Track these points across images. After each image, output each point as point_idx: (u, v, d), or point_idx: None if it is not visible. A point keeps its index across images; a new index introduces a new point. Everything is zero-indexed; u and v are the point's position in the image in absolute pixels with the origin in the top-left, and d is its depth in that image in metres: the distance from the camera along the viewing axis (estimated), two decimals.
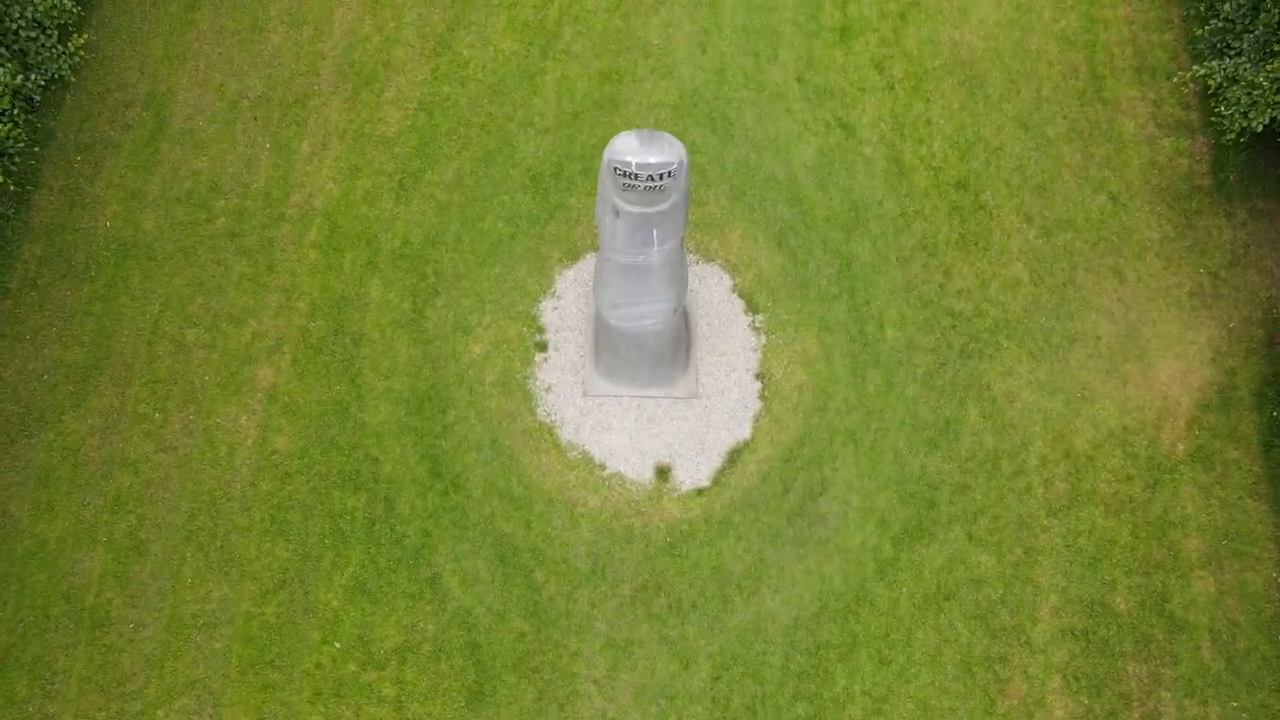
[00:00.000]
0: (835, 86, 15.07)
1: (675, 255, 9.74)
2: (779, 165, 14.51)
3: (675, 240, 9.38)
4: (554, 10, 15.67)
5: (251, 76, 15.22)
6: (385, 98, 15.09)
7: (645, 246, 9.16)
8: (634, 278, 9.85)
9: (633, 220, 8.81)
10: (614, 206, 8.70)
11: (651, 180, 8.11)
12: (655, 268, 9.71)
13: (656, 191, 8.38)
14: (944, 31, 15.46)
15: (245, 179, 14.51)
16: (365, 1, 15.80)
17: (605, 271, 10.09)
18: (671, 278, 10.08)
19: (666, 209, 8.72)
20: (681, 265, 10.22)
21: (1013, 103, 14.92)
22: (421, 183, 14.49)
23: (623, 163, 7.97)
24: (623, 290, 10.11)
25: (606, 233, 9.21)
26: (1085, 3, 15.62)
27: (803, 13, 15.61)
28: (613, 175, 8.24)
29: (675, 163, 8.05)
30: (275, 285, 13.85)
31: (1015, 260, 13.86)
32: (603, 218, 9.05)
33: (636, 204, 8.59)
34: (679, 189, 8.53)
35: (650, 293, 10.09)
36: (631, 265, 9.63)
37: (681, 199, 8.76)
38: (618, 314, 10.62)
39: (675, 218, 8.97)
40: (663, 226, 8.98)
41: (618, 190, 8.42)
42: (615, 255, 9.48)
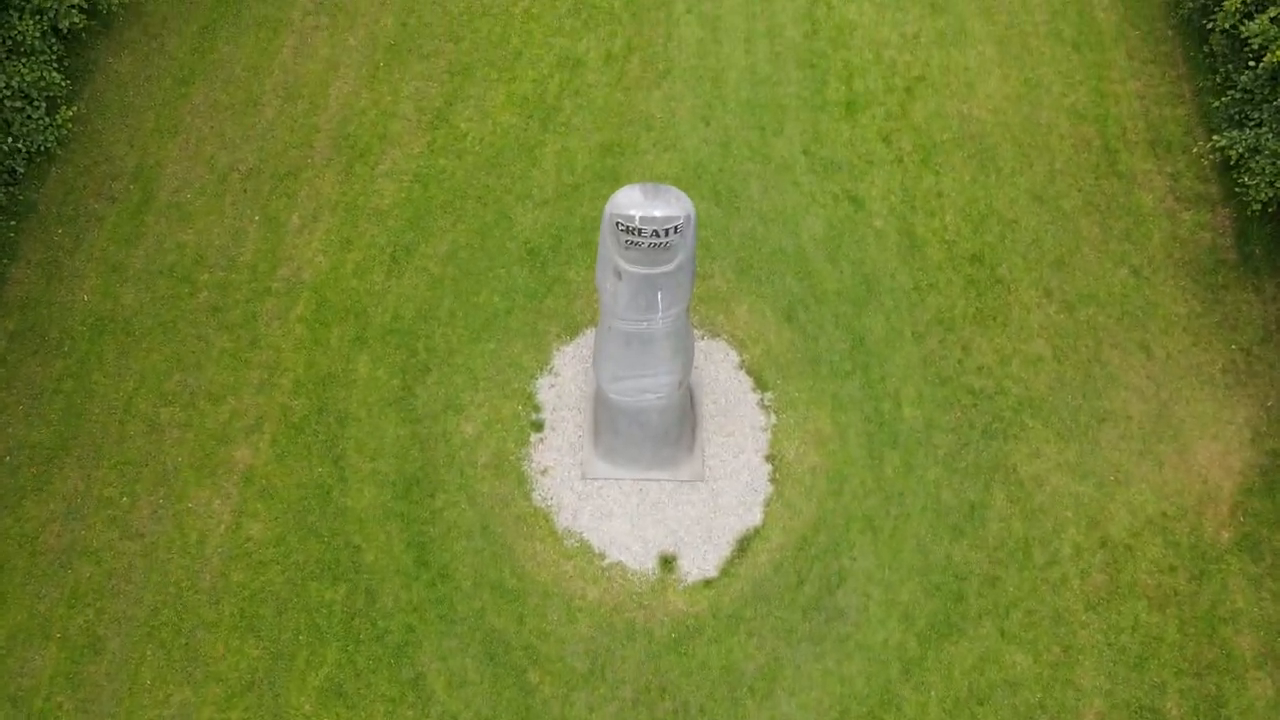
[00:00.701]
0: (843, 159, 14.67)
1: (681, 323, 9.04)
2: (787, 238, 13.99)
3: (681, 306, 8.69)
4: (554, 85, 15.40)
5: (244, 149, 14.83)
6: (380, 170, 14.67)
7: (649, 312, 8.46)
8: (637, 348, 9.13)
9: (636, 282, 8.14)
10: (616, 267, 8.04)
11: (656, 236, 7.47)
12: (659, 337, 9.00)
13: (661, 250, 7.73)
14: (951, 105, 15.16)
15: (232, 252, 13.95)
16: (363, 76, 15.55)
17: (606, 341, 9.38)
18: (676, 348, 9.36)
19: (672, 270, 8.06)
20: (687, 335, 9.51)
21: (1025, 176, 14.50)
22: (415, 256, 13.93)
23: (625, 216, 7.34)
24: (624, 361, 9.38)
25: (607, 297, 8.52)
26: (1094, 78, 15.37)
27: (807, 88, 15.34)
28: (614, 231, 7.60)
29: (681, 217, 7.42)
30: (258, 361, 13.14)
31: (1036, 336, 13.19)
32: (603, 281, 8.37)
33: (640, 264, 7.93)
34: (685, 247, 7.89)
35: (654, 364, 9.36)
36: (634, 334, 8.92)
37: (688, 259, 8.10)
38: (619, 388, 9.86)
39: (681, 280, 8.30)
40: (668, 289, 8.30)
41: (620, 248, 7.77)
42: (617, 322, 8.77)
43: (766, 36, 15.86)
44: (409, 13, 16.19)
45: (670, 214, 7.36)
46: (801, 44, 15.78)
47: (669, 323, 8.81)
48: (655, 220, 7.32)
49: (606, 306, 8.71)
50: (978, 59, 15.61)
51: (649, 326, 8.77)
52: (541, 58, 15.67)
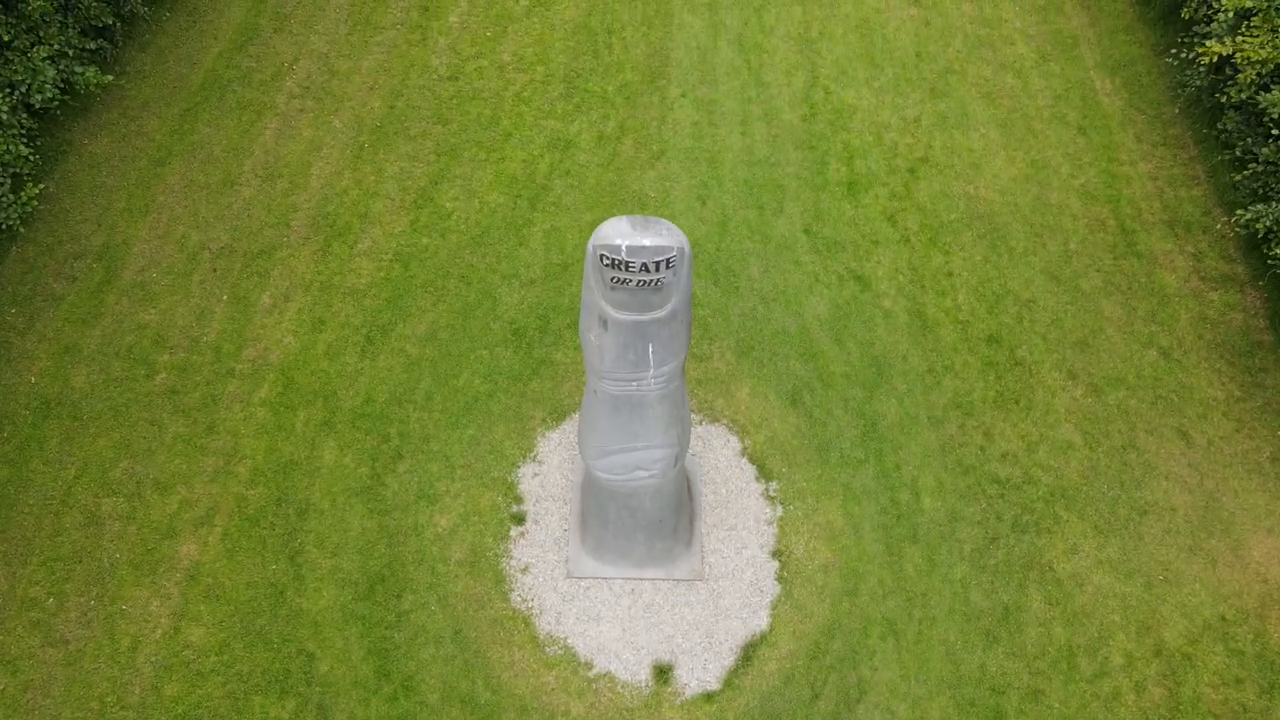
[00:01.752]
0: (846, 239, 13.95)
1: (675, 385, 7.99)
2: (789, 318, 13.10)
3: (676, 362, 7.65)
4: (544, 165, 14.84)
5: (217, 228, 14.10)
6: (359, 249, 13.90)
7: (639, 369, 7.42)
8: (626, 414, 8.05)
9: (624, 332, 7.13)
10: (601, 315, 7.06)
11: (646, 272, 6.52)
12: (651, 401, 7.93)
13: (652, 291, 6.76)
14: (957, 186, 14.57)
15: (195, 332, 13.00)
16: (346, 157, 15.00)
17: (591, 409, 8.30)
18: (671, 416, 8.27)
19: (664, 316, 7.06)
20: (683, 402, 8.45)
21: (1039, 256, 13.75)
22: (391, 336, 12.99)
23: (610, 248, 6.41)
24: (613, 432, 8.27)
25: (592, 353, 7.50)
26: (1103, 160, 14.86)
27: (807, 168, 14.79)
28: (599, 268, 6.66)
29: (675, 249, 6.49)
30: (213, 448, 11.99)
31: (1063, 421, 12.13)
32: (587, 333, 7.37)
33: (628, 309, 6.95)
34: (679, 289, 6.92)
35: (646, 434, 8.25)
36: (623, 398, 7.85)
37: (683, 305, 7.13)
38: (607, 464, 8.71)
39: (675, 330, 7.30)
40: (660, 341, 7.28)
41: (605, 289, 6.81)
42: (603, 384, 7.72)
43: (763, 120, 15.43)
44: (397, 96, 15.81)
45: (661, 244, 6.43)
46: (799, 126, 15.34)
47: (662, 383, 7.75)
48: (645, 251, 6.38)
49: (592, 365, 7.68)
50: (981, 141, 15.14)
51: (639, 388, 7.71)
52: (532, 139, 15.18)
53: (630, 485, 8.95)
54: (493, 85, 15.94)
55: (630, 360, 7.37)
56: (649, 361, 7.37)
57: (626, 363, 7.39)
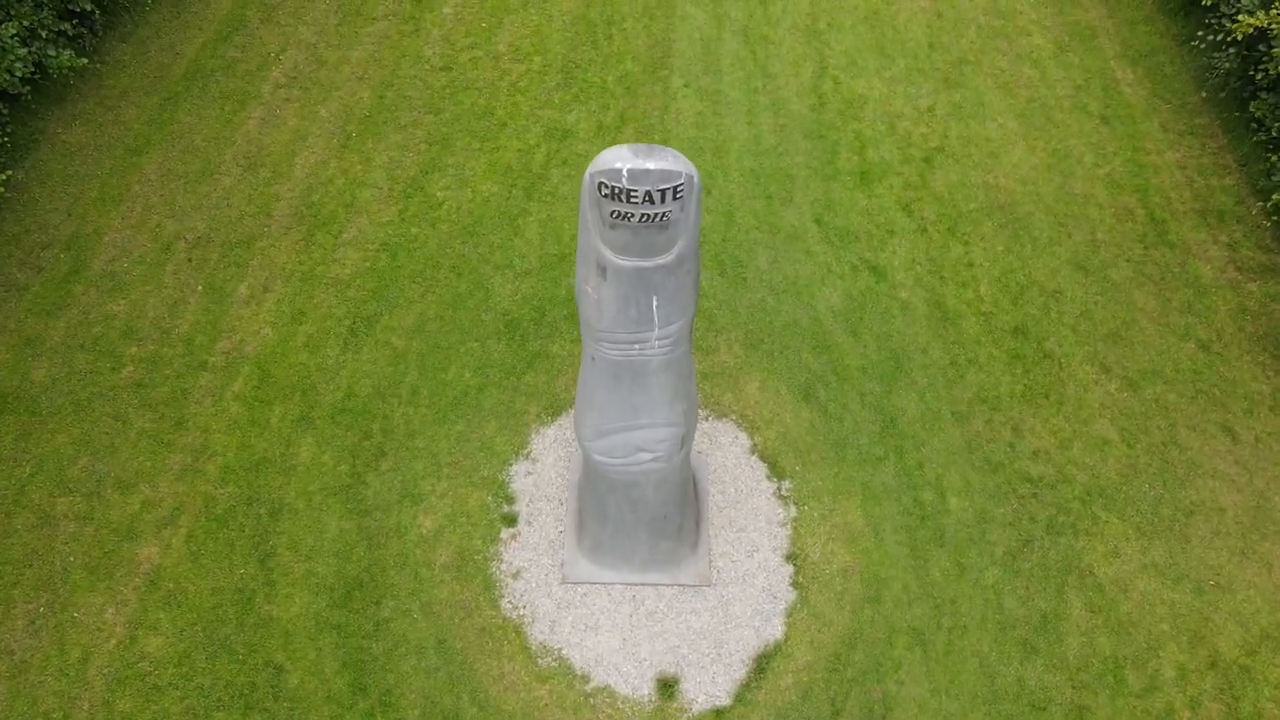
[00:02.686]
0: (859, 229, 13.18)
1: (681, 352, 7.14)
2: (801, 310, 12.28)
3: (682, 322, 6.80)
4: (540, 154, 14.11)
5: (194, 218, 13.32)
6: (344, 239, 13.11)
7: (642, 327, 6.58)
8: (627, 385, 7.19)
9: (625, 281, 6.29)
10: (599, 260, 6.23)
11: (650, 203, 5.70)
12: (655, 369, 7.07)
13: (657, 229, 5.94)
14: (975, 176, 13.83)
15: (167, 324, 12.17)
16: (332, 146, 14.27)
17: (588, 381, 7.44)
18: (677, 388, 7.41)
19: (670, 262, 6.24)
20: (689, 373, 7.59)
21: (1064, 246, 12.97)
22: (376, 328, 12.15)
23: (610, 173, 5.60)
24: (612, 407, 7.41)
25: (589, 308, 6.66)
26: (1128, 149, 14.14)
27: (816, 158, 14.06)
28: (597, 202, 5.84)
29: (683, 176, 5.68)
30: (182, 444, 11.10)
31: (1098, 416, 11.26)
32: (584, 285, 6.54)
33: (630, 252, 6.12)
34: (688, 229, 6.11)
35: (649, 409, 7.38)
36: (624, 364, 7.00)
37: (690, 250, 6.30)
38: (606, 445, 7.82)
39: (682, 280, 6.46)
40: (665, 293, 6.45)
41: (603, 228, 5.99)
42: (602, 348, 6.87)
43: (770, 110, 14.73)
44: (387, 86, 15.13)
45: (667, 168, 5.62)
46: (808, 116, 14.64)
47: (667, 346, 6.90)
48: (649, 176, 5.57)
49: (588, 323, 6.83)
50: (999, 131, 14.43)
51: (642, 352, 6.86)
52: (528, 129, 14.47)
53: (631, 471, 8.05)
54: (487, 75, 15.27)
55: (632, 317, 6.53)
56: (653, 318, 6.54)
57: (628, 319, 6.55)
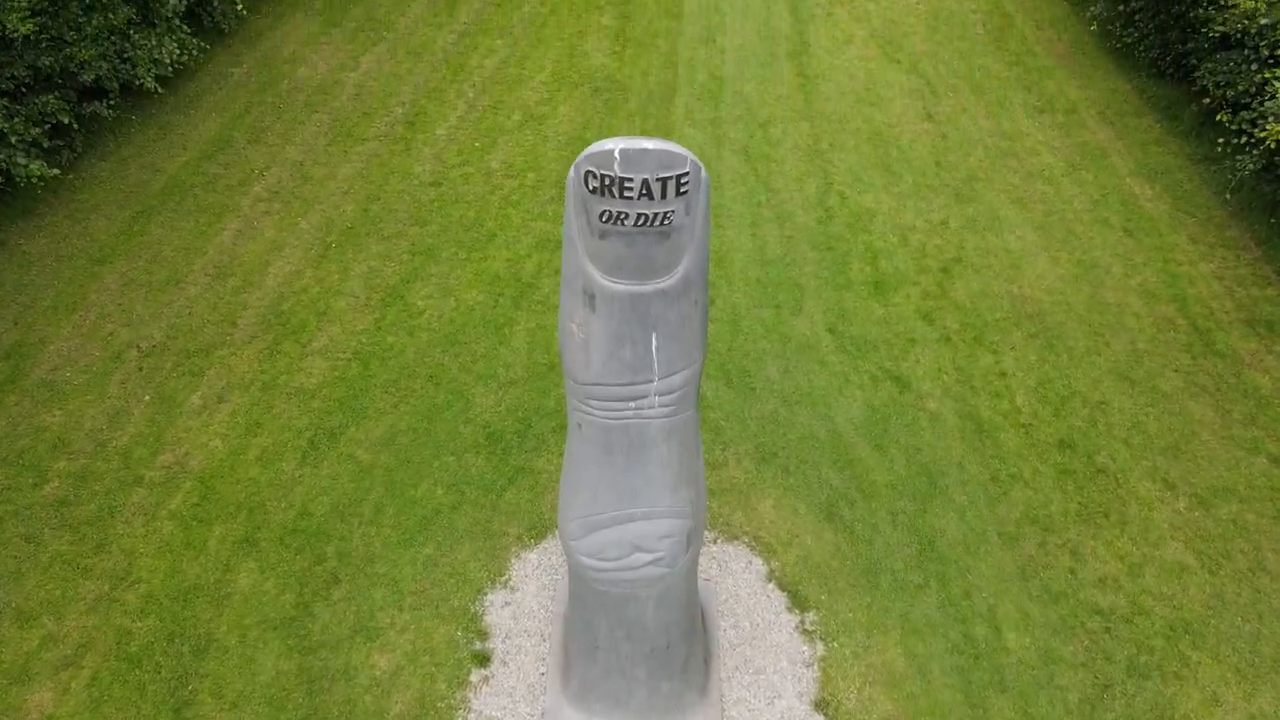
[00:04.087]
0: (877, 338, 12.06)
1: (687, 417, 5.77)
2: (818, 422, 10.96)
3: (688, 370, 5.48)
4: (531, 264, 13.20)
5: (151, 326, 12.21)
6: (312, 347, 11.95)
7: (639, 375, 5.26)
8: (622, 458, 5.77)
9: (618, 312, 5.03)
10: (586, 286, 5.01)
11: (649, 198, 4.54)
12: (655, 437, 5.68)
13: (657, 237, 4.75)
14: (997, 285, 12.87)
15: (104, 436, 10.79)
16: (309, 256, 13.37)
17: (575, 455, 6.03)
18: (683, 465, 5.99)
19: (673, 286, 5.00)
20: (696, 451, 6.19)
21: (1104, 356, 11.82)
22: (340, 441, 10.77)
23: (600, 157, 4.46)
24: (604, 488, 5.96)
25: (575, 355, 5.36)
26: (1158, 260, 13.27)
27: (826, 268, 13.15)
28: (584, 202, 4.68)
29: (687, 163, 4.55)
30: (100, 569, 9.47)
31: (1169, 539, 9.73)
32: (568, 323, 5.27)
33: (623, 271, 4.89)
34: (695, 240, 4.90)
35: (648, 492, 5.93)
36: (617, 430, 5.62)
37: (697, 270, 5.07)
38: (597, 544, 6.29)
39: (686, 313, 5.19)
40: (667, 329, 5.17)
41: (592, 238, 4.80)
42: (590, 407, 5.52)
43: (775, 222, 13.98)
44: (373, 200, 14.44)
45: (668, 150, 4.50)
46: (815, 228, 13.86)
47: (670, 406, 5.54)
48: (647, 160, 4.42)
49: (574, 376, 5.50)
50: (1018, 243, 13.61)
51: (639, 413, 5.50)
52: (518, 239, 13.64)
53: (627, 579, 6.48)
54: (478, 190, 14.61)
55: (626, 361, 5.22)
56: (652, 363, 5.23)
57: (621, 364, 5.23)
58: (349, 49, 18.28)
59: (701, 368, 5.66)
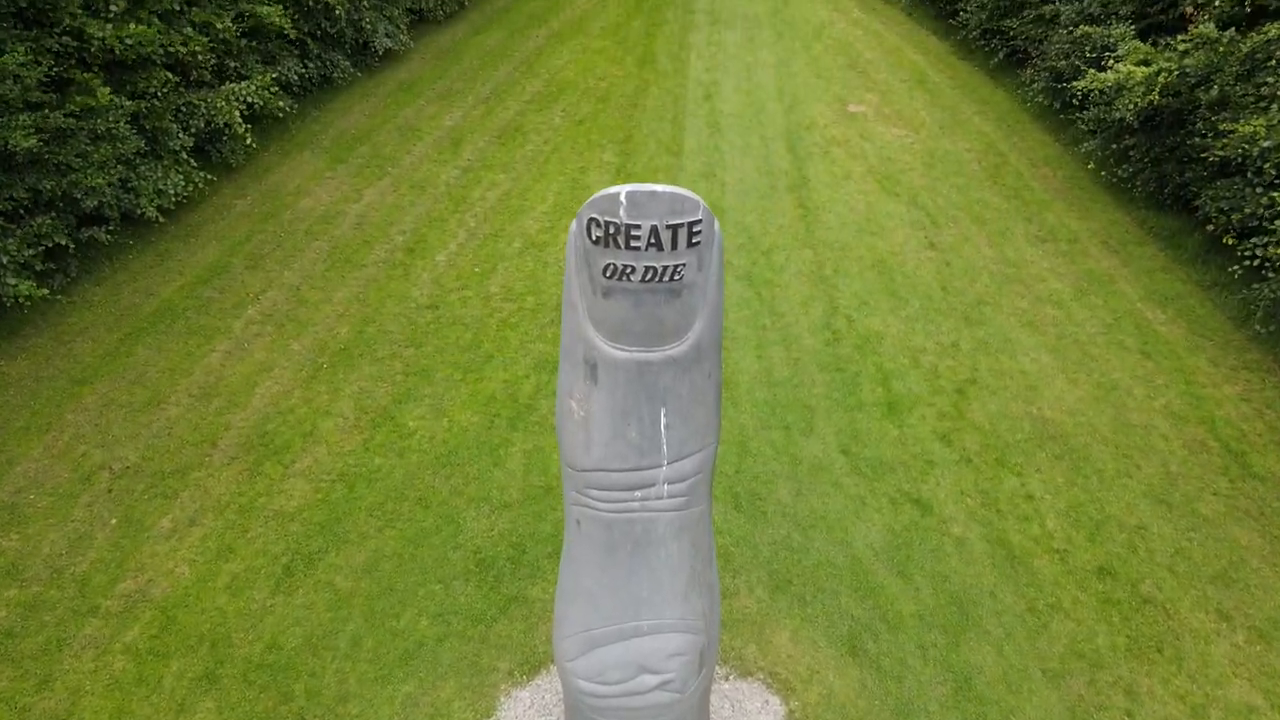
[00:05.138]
0: (894, 459, 11.41)
1: (699, 511, 5.09)
2: (835, 548, 10.16)
3: (701, 454, 4.83)
4: (529, 386, 12.69)
5: (126, 447, 11.57)
6: (295, 469, 11.26)
7: (646, 457, 4.62)
8: (626, 560, 5.04)
9: (623, 384, 4.44)
10: (587, 355, 4.46)
11: (657, 247, 4.05)
12: (664, 533, 4.97)
13: (666, 295, 4.23)
14: (1016, 407, 12.33)
15: (62, 562, 9.96)
16: (299, 377, 12.88)
17: (573, 558, 5.29)
18: (694, 571, 5.24)
19: (684, 353, 4.43)
20: (709, 553, 5.46)
21: (1135, 479, 11.14)
22: (318, 567, 9.93)
23: (605, 202, 4.00)
24: (605, 595, 5.19)
25: (573, 437, 4.73)
26: (1180, 382, 12.79)
27: (837, 389, 12.64)
28: (587, 256, 4.19)
29: (700, 210, 4.09)
30: (40, 710, 8.45)
31: (1231, 676, 8.77)
32: (567, 399, 4.68)
33: (629, 335, 4.32)
34: (707, 299, 4.37)
35: (657, 600, 5.16)
36: (621, 525, 4.92)
37: (710, 336, 4.51)
38: (597, 665, 5.43)
39: (699, 385, 4.59)
40: (678, 402, 4.56)
41: (595, 297, 4.28)
42: (591, 498, 4.85)
43: (781, 344, 13.58)
44: (368, 322, 14.09)
45: (679, 194, 4.04)
46: (823, 350, 13.45)
47: (680, 497, 4.87)
48: (656, 203, 3.94)
49: (572, 462, 4.85)
50: (1033, 365, 13.17)
51: (646, 505, 4.83)
52: (516, 360, 13.19)
53: (632, 707, 5.59)
54: (476, 313, 14.30)
55: (631, 441, 4.60)
56: (660, 444, 4.60)
57: (626, 445, 4.61)
58: (353, 183, 18.47)
59: (716, 454, 5.03)
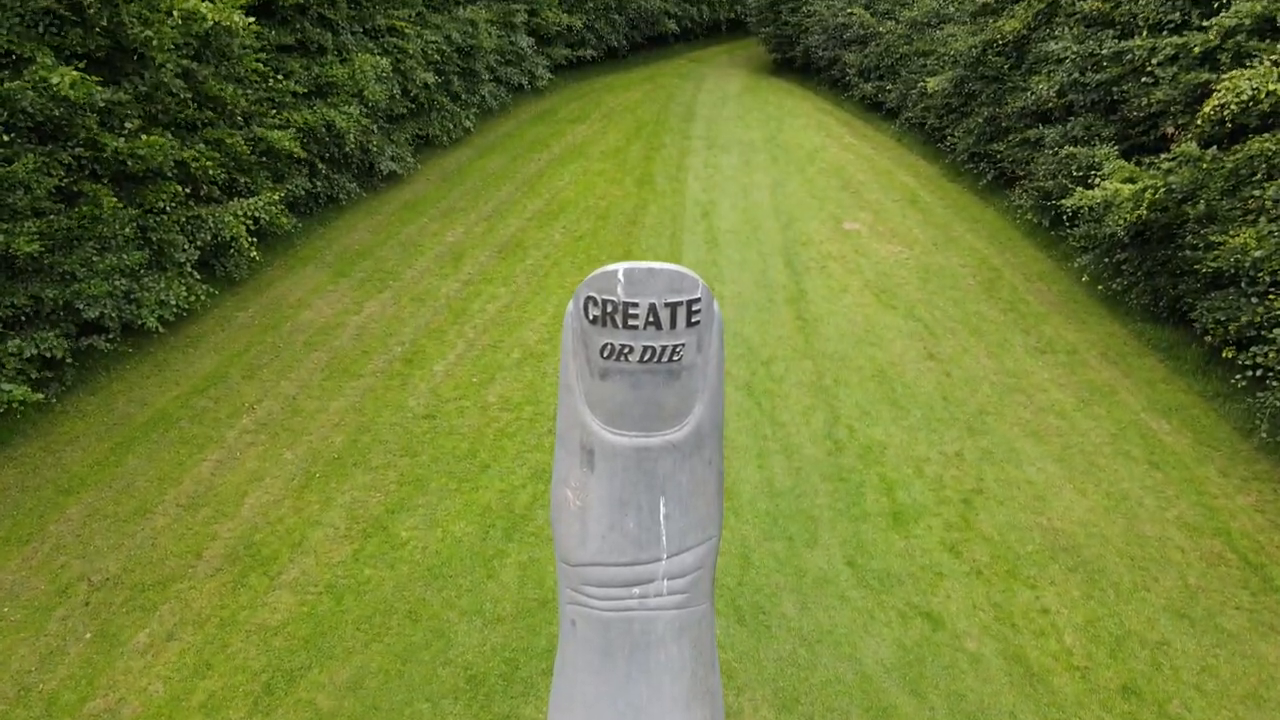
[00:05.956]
0: (902, 572, 11.03)
1: (701, 610, 4.80)
2: (843, 664, 9.68)
3: (702, 547, 4.57)
4: (525, 495, 12.40)
5: (108, 558, 11.19)
6: (281, 580, 10.86)
7: (645, 550, 4.38)
8: (623, 664, 4.71)
9: (621, 471, 4.25)
10: (584, 441, 4.29)
11: (655, 326, 3.93)
12: (663, 634, 4.66)
13: (666, 376, 4.08)
14: (1025, 518, 12.02)
15: (31, 679, 9.45)
16: (290, 487, 12.60)
17: (568, 661, 4.96)
18: (695, 676, 4.90)
19: (684, 439, 4.25)
20: (711, 656, 5.12)
21: (1154, 592, 10.74)
22: (300, 684, 9.42)
23: (603, 280, 3.91)
24: (602, 704, 4.82)
25: (569, 528, 4.49)
26: (1192, 493, 12.52)
27: (840, 499, 12.35)
28: (584, 338, 4.07)
29: (699, 289, 4.01)
30: None
31: None
32: (562, 488, 4.48)
33: (627, 419, 4.15)
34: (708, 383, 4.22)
35: (656, 706, 4.78)
36: (618, 625, 4.62)
37: (711, 422, 4.33)
38: None
39: (699, 473, 4.39)
40: (678, 491, 4.35)
41: (593, 379, 4.13)
42: (587, 595, 4.58)
43: (782, 454, 13.36)
44: (363, 431, 13.90)
45: (678, 272, 3.96)
46: (825, 460, 13.22)
47: (680, 594, 4.60)
48: (654, 281, 3.85)
49: (567, 556, 4.59)
50: (1040, 475, 12.92)
51: (644, 603, 4.55)
52: (512, 470, 12.94)
53: None
54: (473, 422, 14.13)
55: (629, 533, 4.37)
56: (660, 535, 4.37)
57: (624, 537, 4.37)
58: (354, 295, 18.63)
59: (718, 548, 4.78)
